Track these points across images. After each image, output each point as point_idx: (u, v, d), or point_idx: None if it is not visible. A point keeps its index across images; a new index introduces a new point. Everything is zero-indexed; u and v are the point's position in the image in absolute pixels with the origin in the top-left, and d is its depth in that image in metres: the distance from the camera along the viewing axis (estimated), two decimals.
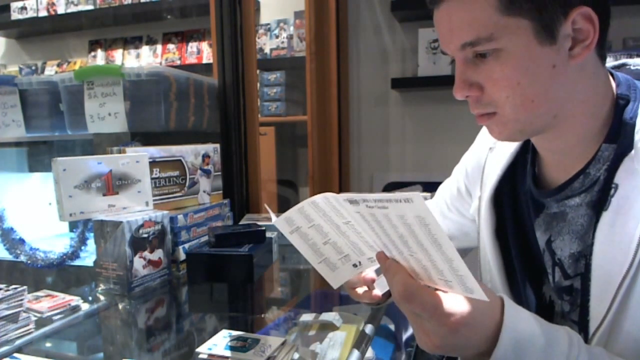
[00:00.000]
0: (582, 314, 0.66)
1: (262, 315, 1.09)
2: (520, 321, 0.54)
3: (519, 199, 0.78)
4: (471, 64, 0.62)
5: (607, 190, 0.62)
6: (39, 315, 0.91)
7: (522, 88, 0.60)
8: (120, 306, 1.06)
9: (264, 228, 1.29)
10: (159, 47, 2.87)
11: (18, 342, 0.84)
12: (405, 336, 1.10)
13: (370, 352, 0.80)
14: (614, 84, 0.66)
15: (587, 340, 0.63)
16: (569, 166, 0.67)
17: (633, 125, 0.62)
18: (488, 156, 0.84)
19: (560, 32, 0.58)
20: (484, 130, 0.91)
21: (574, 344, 0.54)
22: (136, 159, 1.20)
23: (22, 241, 1.27)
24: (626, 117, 0.63)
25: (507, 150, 0.79)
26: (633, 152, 0.61)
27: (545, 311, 0.75)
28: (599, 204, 0.63)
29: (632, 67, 0.72)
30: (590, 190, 0.65)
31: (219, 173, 1.51)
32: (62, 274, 1.27)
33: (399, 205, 0.48)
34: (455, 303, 0.52)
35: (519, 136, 0.67)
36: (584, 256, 0.66)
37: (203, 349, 0.76)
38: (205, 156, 1.43)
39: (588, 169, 0.65)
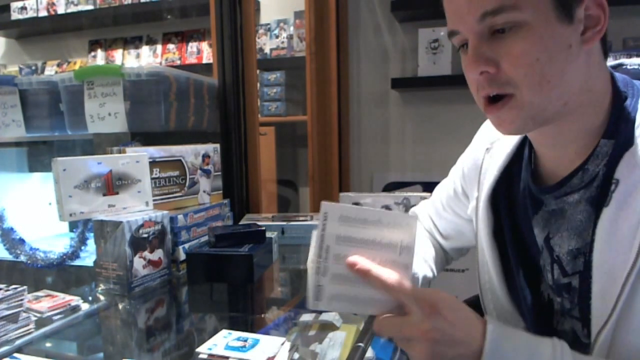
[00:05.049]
0: (583, 312, 0.66)
1: (262, 315, 1.09)
2: (502, 341, 0.57)
3: (515, 199, 0.78)
4: (486, 41, 0.61)
5: (606, 186, 0.63)
6: (39, 315, 0.91)
7: (541, 65, 0.59)
8: (120, 306, 1.06)
9: (264, 228, 1.29)
10: (159, 47, 2.87)
11: (18, 342, 0.84)
12: None
13: (370, 352, 0.80)
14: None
15: (590, 337, 0.63)
16: (568, 162, 0.67)
17: (633, 121, 0.63)
18: (485, 157, 0.84)
19: (576, 14, 0.59)
20: (481, 131, 0.91)
21: (557, 353, 0.57)
22: (136, 159, 1.20)
23: (22, 241, 1.27)
24: (625, 113, 0.63)
25: (504, 150, 0.79)
26: (633, 147, 0.61)
27: (544, 309, 0.75)
28: (599, 200, 0.63)
29: (628, 67, 0.73)
30: (589, 187, 0.65)
31: (219, 173, 1.51)
32: (62, 274, 1.27)
33: None
34: (440, 332, 0.57)
35: (531, 125, 0.64)
36: (583, 254, 0.66)
37: (203, 349, 0.76)
38: (205, 156, 1.43)
39: (587, 165, 0.65)
